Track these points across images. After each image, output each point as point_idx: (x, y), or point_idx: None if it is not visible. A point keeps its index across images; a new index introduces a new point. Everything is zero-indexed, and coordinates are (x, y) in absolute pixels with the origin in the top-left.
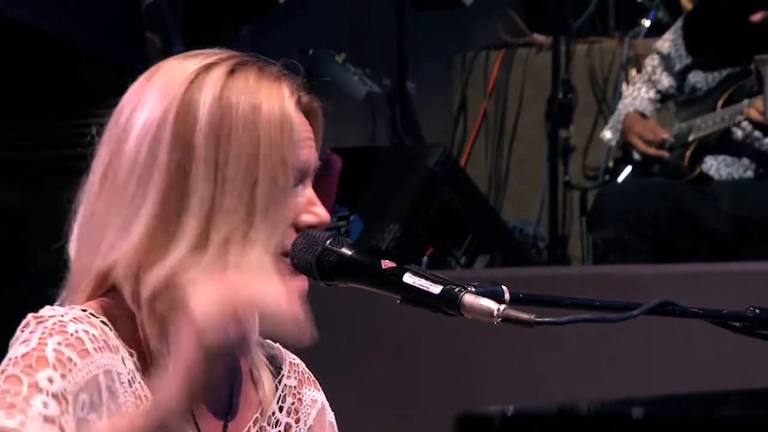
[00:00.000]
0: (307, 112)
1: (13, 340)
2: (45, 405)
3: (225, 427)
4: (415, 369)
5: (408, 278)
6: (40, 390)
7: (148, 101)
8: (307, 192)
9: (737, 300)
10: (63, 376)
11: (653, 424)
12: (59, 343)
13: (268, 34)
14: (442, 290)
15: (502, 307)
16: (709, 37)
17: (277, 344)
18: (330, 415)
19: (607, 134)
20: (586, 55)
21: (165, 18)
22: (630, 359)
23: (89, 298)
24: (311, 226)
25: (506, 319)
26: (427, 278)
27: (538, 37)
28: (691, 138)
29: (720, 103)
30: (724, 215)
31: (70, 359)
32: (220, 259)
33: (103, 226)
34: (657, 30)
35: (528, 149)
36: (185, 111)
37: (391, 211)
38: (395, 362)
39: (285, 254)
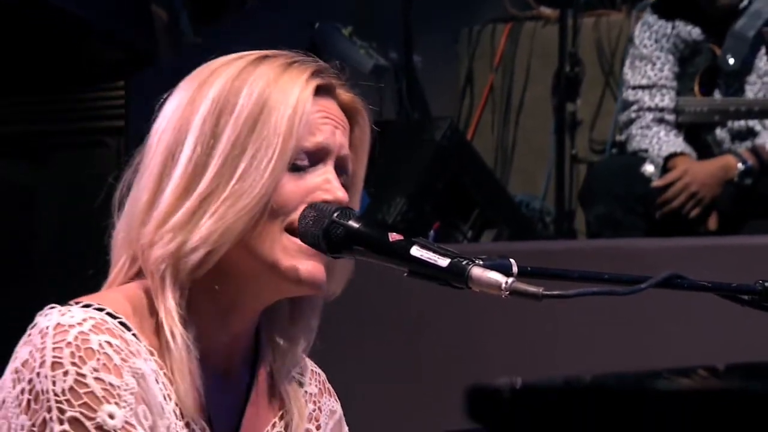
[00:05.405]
0: (345, 108)
1: (28, 346)
2: None
3: None
4: (423, 343)
5: (415, 251)
6: (107, 431)
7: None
8: (326, 171)
9: (743, 274)
10: (117, 405)
11: (659, 397)
12: (95, 370)
13: (274, 8)
14: (450, 263)
15: (510, 280)
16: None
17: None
18: (345, 430)
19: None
20: (593, 29)
21: None
22: (637, 332)
23: (123, 278)
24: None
25: (514, 292)
26: (434, 251)
27: (545, 11)
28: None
29: (696, 87)
30: (726, 189)
31: (112, 385)
32: (198, 211)
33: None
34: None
35: (535, 123)
36: (198, 93)
37: (397, 184)
38: (402, 336)
39: (291, 231)
